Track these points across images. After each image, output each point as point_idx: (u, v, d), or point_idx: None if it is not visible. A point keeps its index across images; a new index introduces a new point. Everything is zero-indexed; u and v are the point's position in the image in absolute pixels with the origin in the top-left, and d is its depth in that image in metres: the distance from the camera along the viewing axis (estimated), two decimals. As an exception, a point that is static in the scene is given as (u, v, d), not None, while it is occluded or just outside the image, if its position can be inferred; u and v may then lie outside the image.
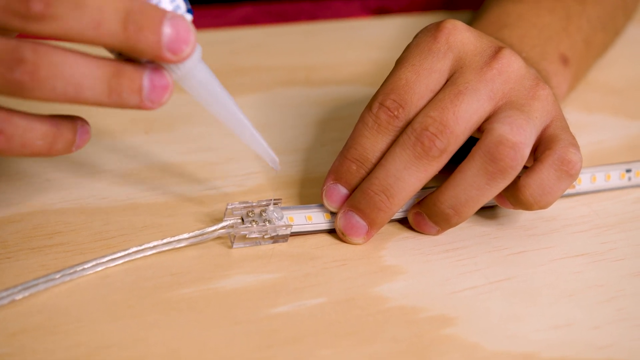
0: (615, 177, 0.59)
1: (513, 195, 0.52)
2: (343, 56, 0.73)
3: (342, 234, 0.52)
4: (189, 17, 0.45)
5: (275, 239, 0.52)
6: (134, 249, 0.50)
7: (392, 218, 0.53)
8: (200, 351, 0.45)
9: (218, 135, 0.61)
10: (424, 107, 0.51)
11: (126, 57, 0.45)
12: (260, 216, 0.51)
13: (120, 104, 0.45)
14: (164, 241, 0.50)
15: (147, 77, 0.44)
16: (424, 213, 0.53)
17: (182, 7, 0.45)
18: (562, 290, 0.51)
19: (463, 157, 0.51)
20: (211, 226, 0.51)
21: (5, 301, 0.46)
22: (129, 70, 0.44)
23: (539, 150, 0.52)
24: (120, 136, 0.60)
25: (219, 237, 0.52)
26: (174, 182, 0.56)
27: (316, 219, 0.53)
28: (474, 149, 0.50)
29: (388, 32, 0.77)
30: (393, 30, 0.78)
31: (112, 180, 0.56)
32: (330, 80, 0.70)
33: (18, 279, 0.47)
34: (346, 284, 0.50)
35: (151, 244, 0.50)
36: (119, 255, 0.49)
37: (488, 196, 0.51)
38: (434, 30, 0.53)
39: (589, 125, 0.66)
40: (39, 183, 0.55)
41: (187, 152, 0.59)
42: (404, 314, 0.48)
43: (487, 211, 0.56)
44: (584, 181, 0.58)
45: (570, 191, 0.58)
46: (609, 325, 0.49)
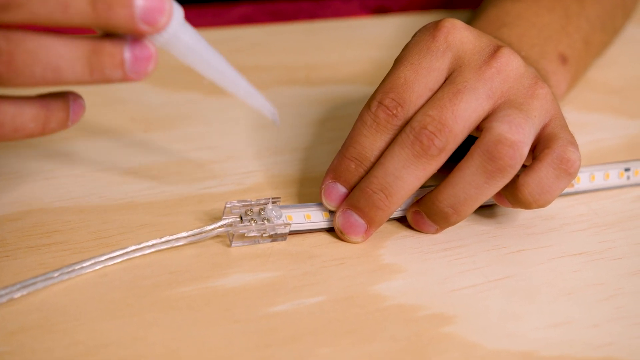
0: (614, 176, 0.59)
1: (512, 193, 0.52)
2: (342, 55, 0.73)
3: (341, 232, 0.52)
4: None
5: (274, 237, 0.52)
6: (133, 247, 0.49)
7: (391, 217, 0.53)
8: (199, 350, 0.45)
9: (217, 134, 0.61)
10: (423, 105, 0.51)
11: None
12: (259, 215, 0.51)
13: (105, 80, 0.43)
14: (163, 240, 0.50)
15: (127, 50, 0.43)
16: (423, 212, 0.53)
17: None
18: (561, 288, 0.51)
19: (462, 156, 0.51)
20: (210, 225, 0.51)
21: (3, 299, 0.46)
22: (107, 45, 0.43)
23: (537, 149, 0.52)
24: (119, 135, 0.60)
25: (218, 236, 0.52)
26: (173, 181, 0.56)
27: (315, 217, 0.53)
28: (472, 148, 0.50)
29: (387, 31, 0.77)
30: (392, 30, 0.78)
31: (110, 179, 0.56)
32: (330, 80, 0.70)
33: (16, 278, 0.47)
34: (345, 283, 0.50)
35: (150, 243, 0.50)
36: (118, 253, 0.49)
37: (487, 195, 0.51)
38: (432, 29, 0.53)
39: (587, 124, 0.66)
40: (38, 182, 0.55)
41: (185, 151, 0.59)
42: (402, 312, 0.48)
43: (486, 210, 0.56)
44: (583, 180, 0.58)
45: (569, 190, 0.58)
46: (607, 324, 0.49)
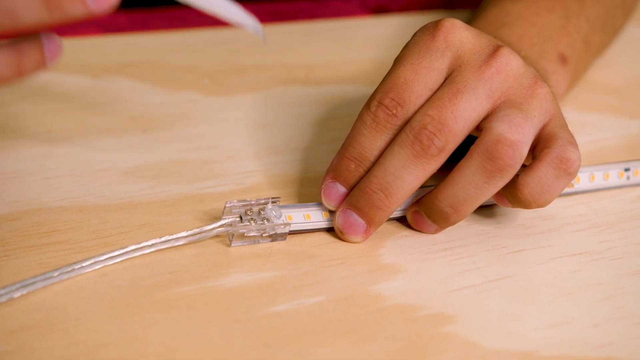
0: (614, 176, 0.59)
1: (511, 193, 0.52)
2: (342, 55, 0.73)
3: (341, 232, 0.52)
4: None
5: (274, 237, 0.52)
6: (132, 247, 0.49)
7: (391, 216, 0.53)
8: (199, 350, 0.45)
9: (217, 134, 0.61)
10: (423, 105, 0.51)
11: None
12: (259, 214, 0.51)
13: (67, 18, 0.42)
14: (163, 239, 0.50)
15: None
16: (423, 211, 0.53)
17: None
18: (560, 288, 0.51)
19: (461, 155, 0.51)
20: (210, 224, 0.51)
21: (3, 299, 0.46)
22: None
23: (537, 149, 0.52)
24: (119, 134, 0.60)
25: (218, 236, 0.52)
26: (173, 181, 0.56)
27: (315, 217, 0.53)
28: (472, 148, 0.50)
29: (387, 31, 0.77)
30: (392, 30, 0.78)
31: (110, 178, 0.56)
32: (329, 79, 0.70)
33: (16, 277, 0.47)
34: (345, 283, 0.50)
35: (149, 242, 0.50)
36: (117, 253, 0.49)
37: (486, 195, 0.51)
38: (432, 28, 0.53)
39: (587, 124, 0.66)
40: (37, 181, 0.55)
41: (185, 150, 0.59)
42: (402, 312, 0.48)
43: (486, 210, 0.56)
44: (583, 180, 0.58)
45: (568, 190, 0.58)
46: (607, 324, 0.49)
